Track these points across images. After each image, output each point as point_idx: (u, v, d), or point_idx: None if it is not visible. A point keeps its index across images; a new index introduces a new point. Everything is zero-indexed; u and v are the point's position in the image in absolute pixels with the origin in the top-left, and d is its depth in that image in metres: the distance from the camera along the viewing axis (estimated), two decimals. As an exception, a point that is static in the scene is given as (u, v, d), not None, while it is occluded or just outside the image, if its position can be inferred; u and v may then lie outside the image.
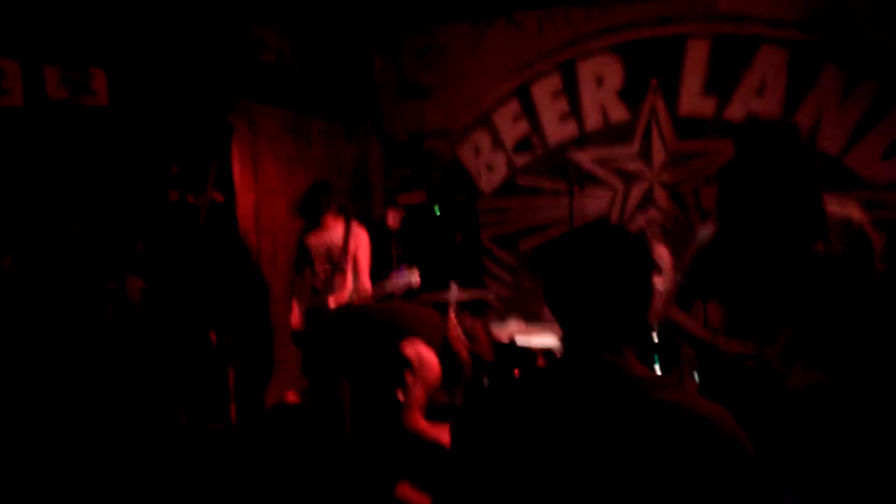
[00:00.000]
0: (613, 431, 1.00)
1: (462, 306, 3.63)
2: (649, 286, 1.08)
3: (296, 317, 4.05)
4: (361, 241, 4.00)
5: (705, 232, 2.27)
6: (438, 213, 5.28)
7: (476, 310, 4.14)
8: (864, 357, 2.01)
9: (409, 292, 3.80)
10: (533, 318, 5.11)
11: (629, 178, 5.08)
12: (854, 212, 2.04)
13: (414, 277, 3.64)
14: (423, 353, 2.46)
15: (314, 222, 3.97)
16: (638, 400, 1.02)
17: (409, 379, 2.19)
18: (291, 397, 4.85)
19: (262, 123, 4.54)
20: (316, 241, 3.96)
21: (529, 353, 3.71)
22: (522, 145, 5.02)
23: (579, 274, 1.07)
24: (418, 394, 2.40)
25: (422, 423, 2.44)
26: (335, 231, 3.91)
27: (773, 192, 1.97)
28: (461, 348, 2.99)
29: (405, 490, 3.02)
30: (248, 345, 4.44)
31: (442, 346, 2.64)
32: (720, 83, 4.74)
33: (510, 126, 5.46)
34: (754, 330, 2.11)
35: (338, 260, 3.76)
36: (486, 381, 3.68)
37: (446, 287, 3.78)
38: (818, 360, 2.00)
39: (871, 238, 2.02)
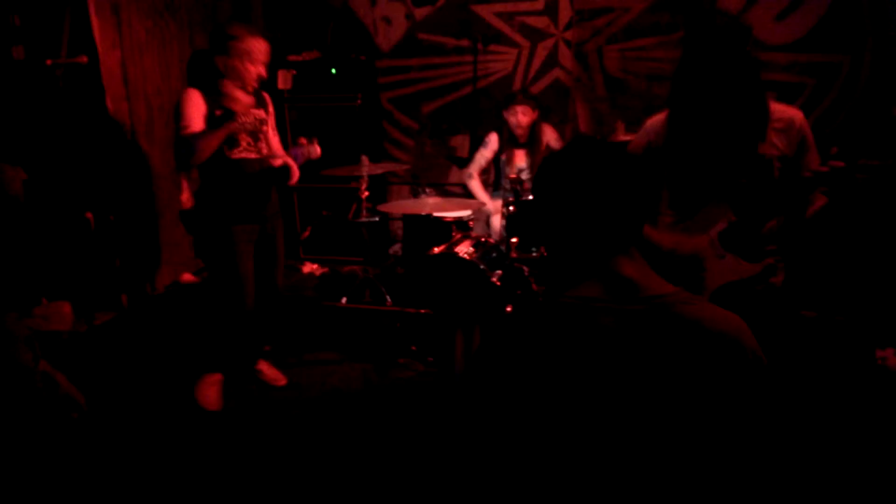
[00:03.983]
0: (641, 353, 1.01)
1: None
2: (644, 192, 1.14)
3: (186, 194, 3.63)
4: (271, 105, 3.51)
5: (653, 123, 2.23)
6: (335, 74, 4.82)
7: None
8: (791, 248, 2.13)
9: (312, 164, 3.48)
10: (438, 187, 5.02)
11: (534, 35, 4.86)
12: (795, 115, 2.08)
13: (314, 149, 3.32)
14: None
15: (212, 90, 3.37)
16: (662, 318, 1.03)
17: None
18: (187, 277, 4.54)
19: (121, -35, 3.75)
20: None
21: (445, 224, 3.66)
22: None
23: (584, 192, 1.10)
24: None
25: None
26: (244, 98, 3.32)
27: (720, 93, 1.96)
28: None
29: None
30: (131, 226, 4.00)
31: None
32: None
33: (408, -29, 4.96)
34: (692, 222, 2.17)
35: (253, 130, 3.19)
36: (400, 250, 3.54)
37: (354, 160, 3.53)
38: (750, 254, 2.10)
39: (809, 139, 2.08)
